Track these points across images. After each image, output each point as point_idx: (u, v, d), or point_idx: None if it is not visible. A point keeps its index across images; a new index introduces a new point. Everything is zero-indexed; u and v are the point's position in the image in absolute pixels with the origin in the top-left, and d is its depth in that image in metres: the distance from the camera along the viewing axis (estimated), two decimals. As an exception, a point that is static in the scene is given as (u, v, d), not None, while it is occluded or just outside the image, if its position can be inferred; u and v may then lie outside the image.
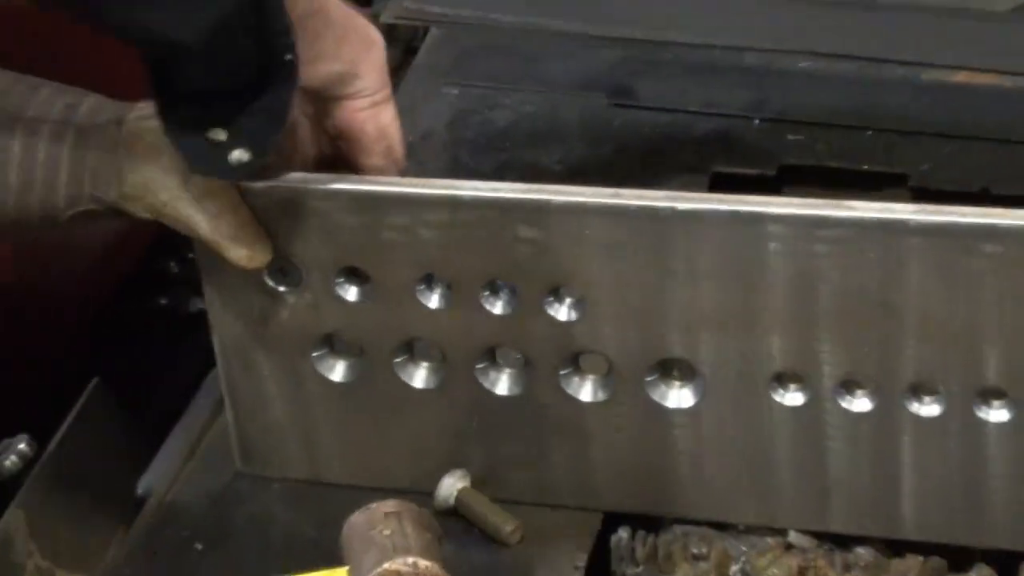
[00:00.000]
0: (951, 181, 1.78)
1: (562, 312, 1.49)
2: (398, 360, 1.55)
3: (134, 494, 1.71)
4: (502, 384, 1.55)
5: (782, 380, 1.48)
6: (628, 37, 2.02)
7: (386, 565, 1.36)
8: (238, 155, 1.39)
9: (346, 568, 1.39)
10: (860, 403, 1.47)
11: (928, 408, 1.46)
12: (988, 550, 1.52)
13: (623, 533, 1.55)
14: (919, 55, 1.96)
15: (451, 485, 1.57)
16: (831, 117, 1.91)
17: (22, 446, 1.66)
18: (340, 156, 1.53)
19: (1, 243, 1.74)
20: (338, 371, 1.58)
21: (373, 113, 1.49)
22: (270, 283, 1.53)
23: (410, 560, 1.36)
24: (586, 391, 1.53)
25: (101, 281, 1.89)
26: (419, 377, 1.56)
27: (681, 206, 1.42)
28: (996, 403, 1.45)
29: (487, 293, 1.50)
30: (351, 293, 1.53)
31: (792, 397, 1.48)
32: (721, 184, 1.83)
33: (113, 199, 1.48)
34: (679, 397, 1.51)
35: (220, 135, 1.38)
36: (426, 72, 2.07)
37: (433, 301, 1.51)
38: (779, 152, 1.87)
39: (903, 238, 1.39)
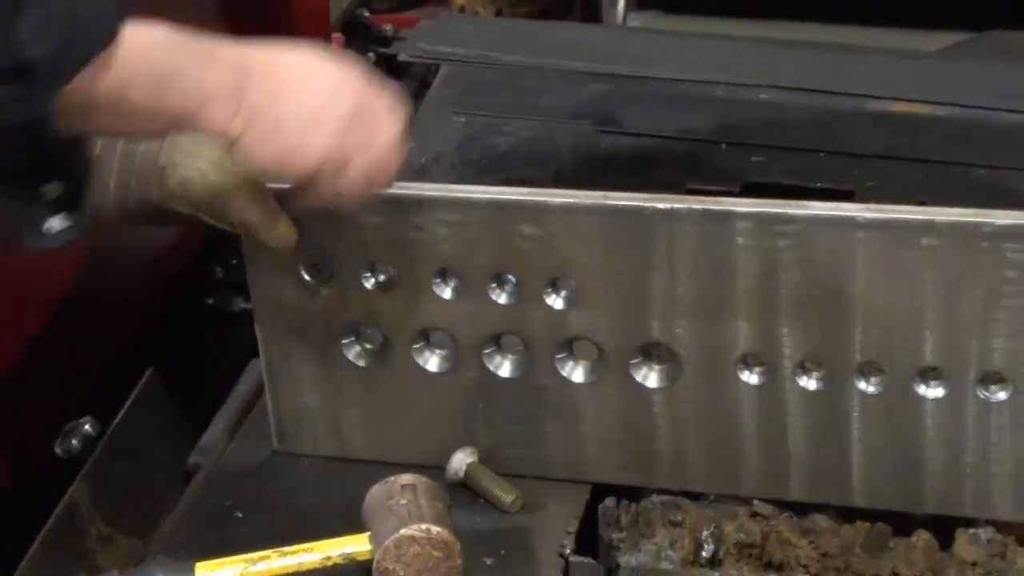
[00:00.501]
0: (892, 196, 1.79)
1: (559, 302, 1.50)
2: (416, 347, 1.56)
3: (184, 469, 1.71)
4: (505, 368, 1.56)
5: (747, 362, 1.50)
6: (612, 73, 2.04)
7: (403, 531, 1.39)
8: (57, 222, 1.28)
9: (368, 534, 1.42)
10: (815, 382, 1.49)
11: (874, 386, 1.48)
12: (927, 517, 1.53)
13: (609, 502, 1.55)
14: (864, 88, 1.98)
15: (460, 460, 1.58)
16: (788, 141, 1.93)
17: (87, 427, 1.66)
18: None
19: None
20: (363, 357, 1.58)
21: None
22: (306, 277, 1.54)
23: (423, 527, 1.40)
24: (578, 373, 1.54)
25: (155, 284, 1.87)
26: (433, 362, 1.57)
27: (661, 205, 1.44)
28: (933, 382, 1.46)
29: (494, 285, 1.51)
30: (376, 286, 1.53)
31: (756, 377, 1.50)
32: (693, 199, 1.84)
33: (157, 199, 1.49)
34: (659, 378, 1.52)
35: (54, 190, 1.28)
36: (437, 103, 2.08)
37: (447, 292, 1.52)
38: (743, 171, 1.89)
39: (852, 232, 1.41)
